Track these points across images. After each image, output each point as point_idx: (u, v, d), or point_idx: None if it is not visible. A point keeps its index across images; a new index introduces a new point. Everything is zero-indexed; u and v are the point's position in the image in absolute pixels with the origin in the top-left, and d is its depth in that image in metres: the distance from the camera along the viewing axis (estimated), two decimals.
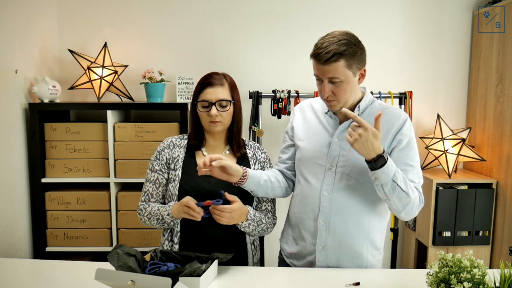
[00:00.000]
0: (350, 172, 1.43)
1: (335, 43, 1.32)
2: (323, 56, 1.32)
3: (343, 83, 1.36)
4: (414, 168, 1.42)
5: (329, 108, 1.46)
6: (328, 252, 1.47)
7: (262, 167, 1.63)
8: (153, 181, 1.59)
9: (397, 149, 1.42)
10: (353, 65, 1.35)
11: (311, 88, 2.54)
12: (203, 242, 1.53)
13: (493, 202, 2.48)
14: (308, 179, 1.50)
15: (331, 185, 1.45)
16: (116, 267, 1.25)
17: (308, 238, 1.50)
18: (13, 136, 2.25)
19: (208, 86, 1.52)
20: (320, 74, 1.38)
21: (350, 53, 1.33)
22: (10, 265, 1.57)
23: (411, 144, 1.43)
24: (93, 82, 2.50)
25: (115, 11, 2.68)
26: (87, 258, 2.44)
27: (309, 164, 1.50)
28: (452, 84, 2.79)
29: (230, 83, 1.56)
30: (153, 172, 1.59)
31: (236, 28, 2.71)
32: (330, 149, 1.46)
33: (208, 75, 1.56)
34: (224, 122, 1.54)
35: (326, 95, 1.38)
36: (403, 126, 1.43)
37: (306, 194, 1.50)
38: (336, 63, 1.32)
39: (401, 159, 1.41)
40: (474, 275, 1.07)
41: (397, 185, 1.32)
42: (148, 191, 1.60)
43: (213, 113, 1.50)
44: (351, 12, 2.70)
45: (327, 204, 1.45)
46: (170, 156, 1.58)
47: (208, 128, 1.56)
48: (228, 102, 1.52)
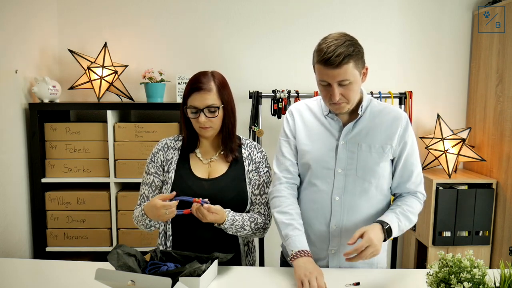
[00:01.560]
0: (360, 174, 1.43)
1: (342, 46, 1.30)
2: (334, 60, 1.29)
3: (352, 84, 1.35)
4: (418, 174, 1.49)
5: (336, 111, 1.43)
6: (341, 255, 1.46)
7: (256, 168, 1.58)
8: (149, 184, 1.57)
9: (403, 155, 1.46)
10: (359, 65, 1.35)
11: (311, 88, 2.54)
12: (195, 244, 1.51)
13: (493, 202, 2.48)
14: (317, 184, 1.47)
15: (342, 189, 1.44)
16: (116, 267, 1.25)
17: (319, 243, 1.48)
18: (13, 136, 2.25)
19: (195, 91, 1.46)
20: (330, 79, 1.34)
21: (357, 53, 1.33)
22: (10, 265, 1.57)
23: (413, 146, 1.48)
24: (93, 82, 2.50)
25: (115, 11, 2.68)
26: (87, 258, 2.44)
27: (317, 169, 1.46)
28: (452, 84, 2.79)
29: (219, 84, 1.49)
30: (148, 174, 1.57)
31: (236, 28, 2.71)
32: (337, 152, 1.44)
33: (194, 78, 1.49)
34: (214, 127, 1.51)
35: (337, 98, 1.35)
36: (407, 128, 1.45)
37: (315, 199, 1.47)
38: (347, 65, 1.31)
39: (407, 166, 1.47)
40: (474, 275, 1.07)
41: (404, 230, 1.44)
42: (144, 193, 1.57)
43: (201, 120, 1.46)
44: (351, 12, 2.70)
45: (338, 208, 1.44)
46: (164, 159, 1.56)
47: (199, 133, 1.53)
48: (216, 108, 1.47)
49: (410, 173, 1.47)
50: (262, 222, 1.55)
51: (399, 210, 1.42)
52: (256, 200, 1.58)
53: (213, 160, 1.57)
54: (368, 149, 1.43)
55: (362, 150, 1.43)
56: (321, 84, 1.38)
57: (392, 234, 1.37)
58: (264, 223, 1.56)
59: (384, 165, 1.44)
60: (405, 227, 1.43)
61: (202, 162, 1.57)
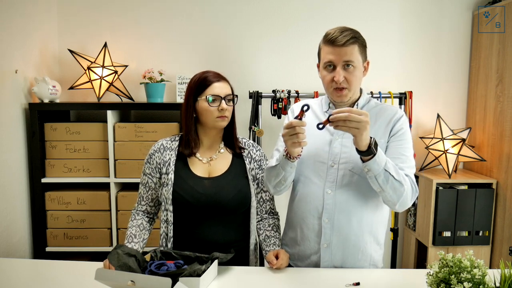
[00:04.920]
0: (353, 168, 1.44)
1: (349, 30, 1.39)
2: (341, 38, 1.36)
3: (355, 70, 1.40)
4: (407, 157, 1.43)
5: (337, 99, 1.45)
6: (332, 250, 1.48)
7: (259, 166, 1.62)
8: (144, 184, 1.61)
9: (392, 140, 1.45)
10: (363, 53, 1.42)
11: (311, 88, 2.54)
12: (197, 246, 1.50)
13: (493, 202, 2.48)
14: (310, 178, 1.50)
15: (334, 183, 1.46)
16: (116, 267, 1.25)
17: (312, 237, 1.50)
18: (13, 136, 2.25)
19: (215, 81, 1.51)
20: (336, 59, 1.38)
21: (362, 41, 1.41)
22: (10, 265, 1.57)
23: (405, 135, 1.46)
24: (93, 82, 2.50)
25: (115, 11, 2.68)
26: (87, 258, 2.44)
27: (311, 163, 1.50)
28: (452, 84, 2.79)
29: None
30: (144, 175, 1.61)
31: (236, 28, 2.71)
32: (331, 147, 1.47)
33: (207, 72, 1.55)
34: (229, 117, 1.55)
35: (340, 79, 1.38)
36: (399, 120, 1.46)
37: (308, 193, 1.50)
38: (353, 45, 1.38)
39: (395, 148, 1.44)
40: (474, 275, 1.07)
41: (389, 174, 1.32)
42: (140, 193, 1.63)
43: (224, 107, 1.50)
44: (351, 12, 2.70)
45: (331, 202, 1.46)
46: (161, 160, 1.56)
47: (213, 124, 1.53)
48: (233, 97, 1.54)
49: (398, 153, 1.42)
50: (274, 216, 1.67)
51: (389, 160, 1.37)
52: (264, 196, 1.64)
53: (213, 159, 1.58)
54: None
55: None
56: (326, 69, 1.42)
57: (377, 153, 1.28)
58: (276, 218, 1.68)
59: None
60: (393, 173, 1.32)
61: (201, 161, 1.57)
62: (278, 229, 1.64)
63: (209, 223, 1.52)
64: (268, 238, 1.59)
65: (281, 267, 1.46)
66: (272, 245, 1.56)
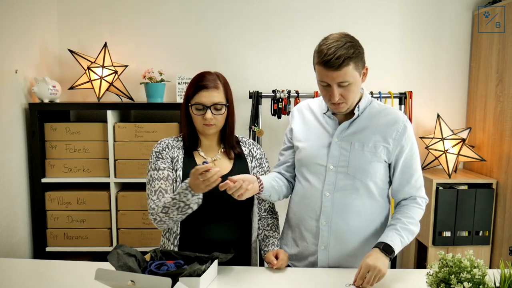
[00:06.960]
0: (352, 171, 1.44)
1: (342, 47, 1.31)
2: (334, 62, 1.30)
3: (351, 85, 1.37)
4: (416, 174, 1.49)
5: (335, 110, 1.45)
6: (330, 252, 1.48)
7: (259, 164, 1.63)
8: (164, 178, 1.51)
9: (401, 158, 1.46)
10: (359, 66, 1.37)
11: (311, 88, 2.54)
12: (202, 244, 1.51)
13: (493, 202, 2.48)
14: (309, 180, 1.50)
15: (333, 185, 1.46)
16: (116, 267, 1.25)
17: (310, 239, 1.51)
18: (13, 136, 2.25)
19: (203, 89, 1.48)
20: (329, 80, 1.35)
21: (357, 55, 1.34)
22: (10, 265, 1.57)
23: (413, 150, 1.47)
24: (93, 82, 2.50)
25: (115, 11, 2.68)
26: (87, 258, 2.44)
27: (310, 165, 1.50)
28: (452, 84, 2.79)
29: (224, 84, 1.53)
30: (160, 170, 1.52)
31: (236, 28, 2.71)
32: (330, 149, 1.47)
33: (201, 76, 1.52)
34: (218, 125, 1.52)
35: (336, 99, 1.38)
36: (404, 132, 1.45)
37: (307, 194, 1.51)
38: (347, 67, 1.32)
39: (406, 170, 1.47)
40: (474, 275, 1.07)
41: (407, 243, 1.44)
42: (161, 187, 1.50)
43: (208, 117, 1.48)
44: (351, 13, 2.70)
45: (328, 204, 1.46)
46: (171, 156, 1.56)
47: (201, 131, 1.54)
48: (223, 105, 1.50)
49: (409, 177, 1.48)
50: (272, 215, 1.69)
51: (399, 226, 1.43)
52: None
53: (217, 159, 1.58)
54: (361, 147, 1.44)
55: (355, 148, 1.44)
56: (321, 85, 1.41)
57: (395, 251, 1.37)
58: (275, 218, 1.69)
59: (377, 165, 1.45)
60: (408, 240, 1.43)
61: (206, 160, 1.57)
62: (277, 229, 1.64)
63: (214, 221, 1.52)
64: (267, 238, 1.59)
65: (281, 267, 1.47)
66: (271, 245, 1.56)
